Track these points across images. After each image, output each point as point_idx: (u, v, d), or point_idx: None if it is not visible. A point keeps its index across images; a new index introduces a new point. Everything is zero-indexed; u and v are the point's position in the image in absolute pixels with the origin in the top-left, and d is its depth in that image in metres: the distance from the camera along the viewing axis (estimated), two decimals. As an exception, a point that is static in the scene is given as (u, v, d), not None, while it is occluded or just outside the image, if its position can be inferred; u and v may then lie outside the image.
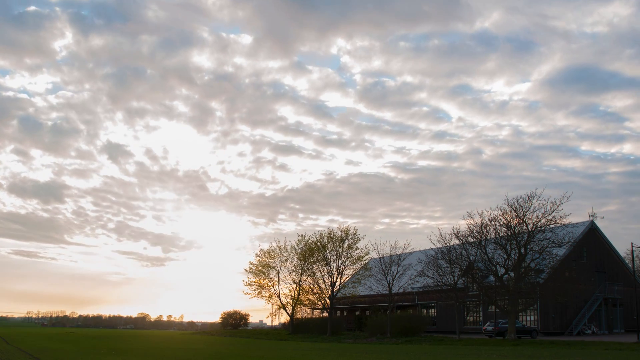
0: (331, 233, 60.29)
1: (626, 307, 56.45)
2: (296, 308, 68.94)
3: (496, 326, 46.91)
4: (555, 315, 51.68)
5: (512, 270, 43.64)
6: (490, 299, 45.66)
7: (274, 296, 67.07)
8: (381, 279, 53.51)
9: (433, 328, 60.15)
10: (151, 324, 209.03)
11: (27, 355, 25.92)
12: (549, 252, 42.89)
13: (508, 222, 43.46)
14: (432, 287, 50.95)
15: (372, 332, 53.00)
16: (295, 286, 65.49)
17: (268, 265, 66.90)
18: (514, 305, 43.01)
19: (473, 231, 45.39)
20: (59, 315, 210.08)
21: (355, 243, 58.85)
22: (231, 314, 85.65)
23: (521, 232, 43.00)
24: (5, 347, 32.86)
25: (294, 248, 65.24)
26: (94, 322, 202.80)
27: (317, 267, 60.83)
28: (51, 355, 26.44)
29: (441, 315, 61.85)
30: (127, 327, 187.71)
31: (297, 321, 68.41)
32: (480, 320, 57.31)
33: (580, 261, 54.50)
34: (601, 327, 53.90)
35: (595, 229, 57.98)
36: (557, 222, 41.67)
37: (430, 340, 44.55)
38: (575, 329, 51.53)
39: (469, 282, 49.22)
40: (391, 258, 53.27)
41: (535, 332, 47.63)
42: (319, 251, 60.29)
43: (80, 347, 34.84)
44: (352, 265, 59.70)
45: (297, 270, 64.24)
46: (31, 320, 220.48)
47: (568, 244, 44.28)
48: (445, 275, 47.36)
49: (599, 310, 54.52)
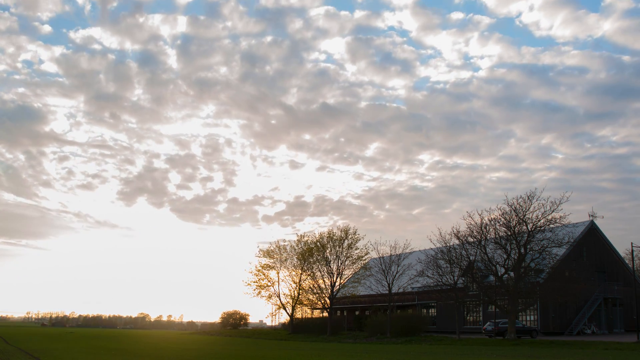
0: (331, 233, 60.36)
1: (626, 307, 56.43)
2: (296, 308, 68.95)
3: (496, 326, 46.89)
4: (555, 315, 51.66)
5: (512, 270, 43.65)
6: (490, 299, 45.67)
7: (273, 296, 67.14)
8: (381, 278, 53.51)
9: (433, 328, 60.13)
10: (151, 324, 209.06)
11: (27, 355, 25.91)
12: (548, 252, 42.92)
13: (508, 222, 43.47)
14: (432, 287, 50.95)
15: (372, 332, 52.98)
16: (295, 286, 65.57)
17: (268, 266, 66.99)
18: (514, 305, 43.01)
19: (473, 231, 45.42)
20: (59, 315, 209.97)
21: (355, 243, 58.93)
22: (231, 314, 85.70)
23: (521, 232, 43.01)
24: (5, 347, 32.83)
25: (294, 248, 65.31)
26: (94, 322, 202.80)
27: (317, 267, 60.86)
28: (51, 355, 26.43)
29: (441, 315, 61.84)
30: (126, 327, 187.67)
31: (297, 321, 68.40)
32: (480, 320, 57.30)
33: (580, 261, 54.48)
34: (601, 327, 53.88)
35: (595, 229, 57.98)
36: (557, 222, 41.71)
37: (430, 340, 44.53)
38: (575, 329, 51.51)
39: (468, 282, 49.23)
40: (391, 258, 53.27)
41: (535, 332, 47.62)
42: (318, 251, 60.29)
43: (80, 347, 34.82)
44: (352, 265, 59.79)
45: (296, 270, 64.29)
46: (31, 320, 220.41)
47: (568, 243, 44.31)
48: (445, 275, 47.38)
49: (598, 310, 54.51)
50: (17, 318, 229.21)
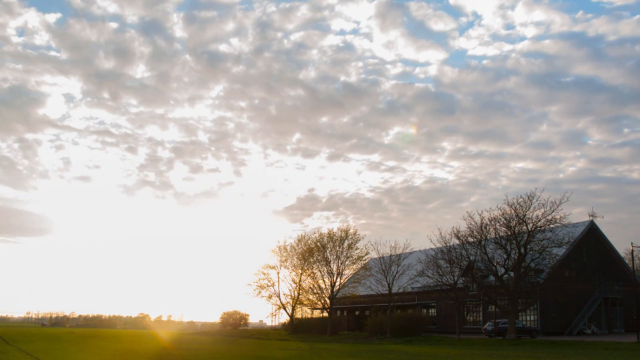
0: (331, 233, 60.37)
1: (626, 307, 56.39)
2: (296, 308, 68.94)
3: (496, 326, 46.89)
4: (555, 315, 51.65)
5: (512, 270, 43.66)
6: (490, 299, 45.69)
7: (274, 296, 67.14)
8: (381, 278, 53.53)
9: (433, 328, 60.11)
10: (151, 324, 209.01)
11: (27, 355, 25.92)
12: (548, 252, 42.94)
13: (508, 222, 43.49)
14: (432, 287, 50.95)
15: (372, 332, 53.00)
16: (295, 286, 65.56)
17: (268, 266, 67.05)
18: (514, 305, 43.03)
19: (473, 231, 45.45)
20: (59, 315, 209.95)
21: (355, 243, 58.93)
22: (231, 314, 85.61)
23: (521, 232, 43.03)
24: (5, 347, 32.83)
25: (294, 248, 65.30)
26: (94, 322, 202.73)
27: (317, 267, 60.86)
28: (51, 355, 26.43)
29: (441, 315, 61.83)
30: (126, 327, 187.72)
31: (297, 321, 68.36)
32: (480, 320, 57.29)
33: (580, 261, 54.50)
34: (601, 327, 53.88)
35: (595, 229, 57.98)
36: (557, 222, 41.73)
37: (430, 340, 44.55)
38: (575, 329, 51.50)
39: (468, 282, 49.25)
40: (391, 258, 53.28)
41: (535, 332, 47.61)
42: (318, 251, 60.29)
43: (80, 347, 34.83)
44: (352, 265, 59.81)
45: (297, 270, 64.28)
46: (31, 320, 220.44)
47: (568, 243, 44.33)
48: (445, 275, 47.41)
49: (598, 310, 54.50)
50: (17, 318, 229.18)
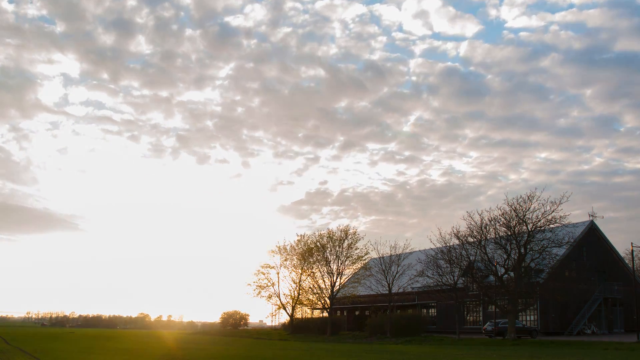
0: (331, 233, 60.35)
1: (626, 307, 56.41)
2: (296, 308, 68.96)
3: (496, 326, 46.90)
4: (555, 315, 51.65)
5: (512, 270, 43.67)
6: (490, 299, 45.69)
7: (274, 296, 67.15)
8: (381, 278, 53.52)
9: (433, 328, 60.13)
10: (151, 324, 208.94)
11: (27, 355, 25.91)
12: (548, 252, 42.94)
13: (508, 222, 43.50)
14: (432, 287, 50.94)
15: (372, 332, 52.99)
16: (295, 286, 65.57)
17: (268, 266, 67.04)
18: (514, 305, 43.03)
19: (473, 231, 45.45)
20: (59, 315, 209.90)
21: (354, 243, 58.93)
22: (231, 314, 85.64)
23: (521, 232, 43.04)
24: (5, 347, 32.82)
25: (294, 248, 65.29)
26: (93, 322, 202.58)
27: (317, 267, 60.87)
28: (51, 355, 26.43)
29: (441, 315, 61.84)
30: (126, 327, 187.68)
31: (297, 321, 68.38)
32: (480, 320, 57.29)
33: (580, 261, 54.51)
34: (601, 327, 53.88)
35: (595, 229, 57.98)
36: (557, 222, 41.74)
37: (430, 340, 44.55)
38: (575, 329, 51.51)
39: (468, 282, 49.25)
40: (391, 258, 53.28)
41: (535, 332, 47.62)
42: (318, 251, 60.28)
43: (80, 347, 34.82)
44: (352, 265, 59.81)
45: (296, 270, 64.29)
46: (31, 320, 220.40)
47: (568, 243, 44.34)
48: (445, 275, 47.40)
49: (598, 310, 54.50)
50: (17, 318, 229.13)
